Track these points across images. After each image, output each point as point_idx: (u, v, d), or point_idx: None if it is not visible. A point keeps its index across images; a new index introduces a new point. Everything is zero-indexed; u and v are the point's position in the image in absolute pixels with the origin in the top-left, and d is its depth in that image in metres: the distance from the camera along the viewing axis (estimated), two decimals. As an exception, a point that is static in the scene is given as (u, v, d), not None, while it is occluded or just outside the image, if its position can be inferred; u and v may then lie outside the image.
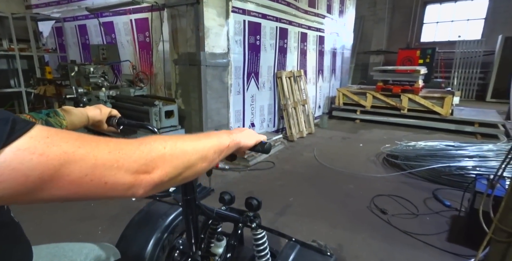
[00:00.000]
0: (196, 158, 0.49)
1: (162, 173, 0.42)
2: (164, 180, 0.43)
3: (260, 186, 2.81)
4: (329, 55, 5.56)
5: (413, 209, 2.40)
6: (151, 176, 0.41)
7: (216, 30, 3.03)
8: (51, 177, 0.32)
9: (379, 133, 4.88)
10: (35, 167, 0.31)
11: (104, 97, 3.03)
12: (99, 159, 0.36)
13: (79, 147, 0.35)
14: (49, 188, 0.33)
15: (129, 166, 0.39)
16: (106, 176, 0.37)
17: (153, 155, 0.42)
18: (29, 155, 0.31)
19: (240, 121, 3.74)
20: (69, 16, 4.42)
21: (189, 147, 0.48)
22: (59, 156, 0.33)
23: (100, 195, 0.37)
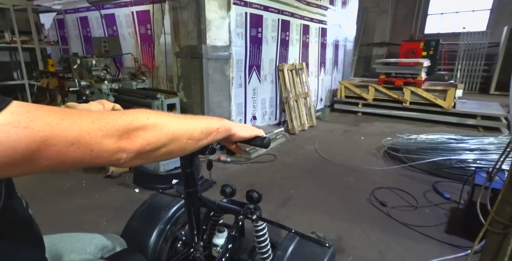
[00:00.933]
0: (181, 133, 0.50)
1: (144, 141, 0.44)
2: (146, 148, 0.44)
3: (261, 178, 2.85)
4: (332, 48, 5.52)
5: (413, 201, 2.43)
6: (133, 143, 0.42)
7: (217, 22, 3.02)
8: (38, 148, 0.34)
9: (380, 126, 4.88)
10: (21, 139, 0.32)
11: (106, 90, 3.03)
12: (83, 128, 0.37)
13: (62, 119, 0.36)
14: (38, 159, 0.35)
15: (112, 133, 0.40)
16: (91, 144, 0.38)
17: (135, 123, 0.43)
18: (14, 129, 0.32)
19: (242, 114, 3.76)
20: (70, 8, 4.40)
21: (174, 122, 0.49)
22: (43, 128, 0.34)
23: (87, 162, 0.39)
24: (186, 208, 1.03)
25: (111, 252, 0.85)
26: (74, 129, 0.37)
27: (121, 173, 2.84)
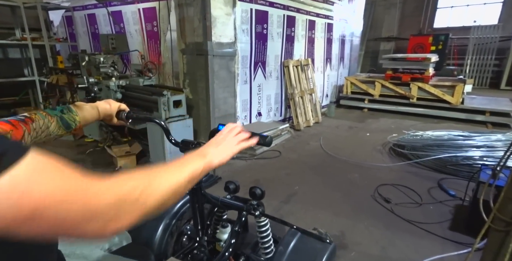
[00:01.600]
0: (169, 196, 0.50)
1: (127, 221, 0.43)
2: (128, 225, 0.44)
3: (266, 174, 2.88)
4: (338, 43, 5.47)
5: (417, 198, 2.43)
6: (118, 224, 0.42)
7: (223, 19, 3.02)
8: (30, 216, 0.34)
9: (387, 122, 4.85)
10: (15, 206, 0.32)
11: (114, 87, 3.08)
12: (71, 213, 0.37)
13: (60, 190, 0.36)
14: (26, 227, 0.34)
15: (99, 218, 0.40)
16: (78, 229, 0.38)
17: (120, 205, 0.42)
18: (18, 191, 0.33)
19: (247, 110, 3.78)
20: (78, 5, 4.44)
21: (163, 182, 0.49)
22: (37, 199, 0.34)
23: (71, 237, 0.39)
24: (191, 204, 1.07)
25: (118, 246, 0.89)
26: (63, 212, 0.36)
27: (129, 168, 2.90)
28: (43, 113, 0.75)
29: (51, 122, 0.75)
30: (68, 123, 0.78)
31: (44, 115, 0.75)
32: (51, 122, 0.75)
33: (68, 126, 0.79)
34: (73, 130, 0.80)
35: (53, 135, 0.77)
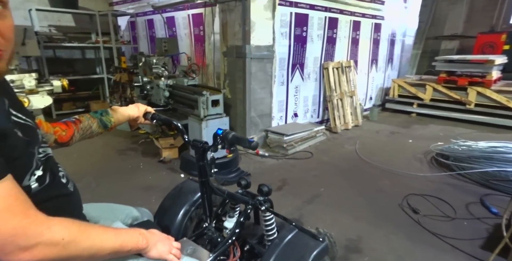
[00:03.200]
0: (89, 254, 0.58)
1: (38, 256, 0.52)
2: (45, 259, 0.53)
3: (294, 174, 2.96)
4: (386, 43, 5.20)
5: (450, 212, 2.29)
6: (30, 255, 0.51)
7: (262, 23, 3.17)
8: None
9: (435, 129, 4.51)
10: None
11: (163, 86, 3.45)
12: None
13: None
14: None
15: (18, 241, 0.50)
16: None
17: (43, 237, 0.52)
18: None
19: (283, 111, 3.88)
20: (140, 11, 5.00)
21: (83, 240, 0.57)
22: None
23: None
24: (201, 194, 1.24)
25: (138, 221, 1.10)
26: None
27: (171, 159, 3.25)
28: (88, 116, 1.00)
29: (93, 123, 1.00)
30: (105, 123, 1.02)
31: (88, 117, 0.99)
32: (93, 123, 1.00)
33: (105, 126, 1.03)
34: (109, 129, 1.04)
35: (95, 132, 1.02)
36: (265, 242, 1.33)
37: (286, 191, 2.61)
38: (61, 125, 0.93)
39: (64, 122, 0.95)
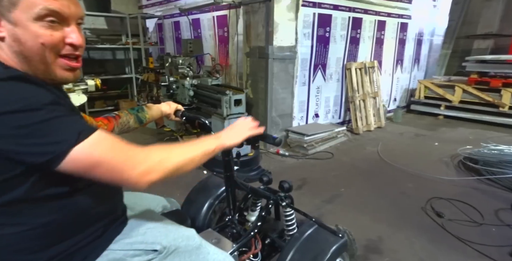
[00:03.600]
0: (183, 163, 0.72)
1: (156, 175, 0.66)
2: (158, 179, 0.67)
3: (314, 174, 2.97)
4: (413, 43, 5.06)
5: (478, 217, 2.22)
6: (149, 177, 0.65)
7: (285, 24, 3.21)
8: (93, 166, 0.61)
9: (464, 132, 4.33)
10: (85, 159, 0.60)
11: (188, 85, 3.58)
12: (119, 161, 0.63)
13: (111, 153, 0.62)
14: (93, 172, 0.62)
15: (136, 169, 0.64)
16: (122, 173, 0.63)
17: (151, 162, 0.66)
18: (86, 152, 0.60)
19: (304, 111, 3.89)
20: (167, 14, 5.20)
21: (180, 155, 0.72)
22: (98, 156, 0.61)
23: (120, 184, 0.65)
24: (225, 188, 1.31)
25: (168, 210, 1.18)
26: (116, 160, 0.62)
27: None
28: (126, 112, 1.10)
29: (130, 119, 1.10)
30: (141, 119, 1.12)
31: (126, 113, 1.10)
32: (130, 119, 1.10)
33: (141, 121, 1.13)
34: (144, 124, 1.14)
35: (131, 127, 1.12)
36: (285, 237, 1.38)
37: (305, 190, 2.64)
38: (103, 120, 1.04)
39: (105, 117, 1.05)
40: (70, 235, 0.72)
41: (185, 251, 0.84)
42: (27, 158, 0.59)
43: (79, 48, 0.71)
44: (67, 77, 0.72)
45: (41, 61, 0.67)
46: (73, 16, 0.68)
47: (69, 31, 0.69)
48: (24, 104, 0.57)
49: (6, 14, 0.63)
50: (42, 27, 0.65)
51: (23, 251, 0.68)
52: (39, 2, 0.63)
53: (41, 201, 0.66)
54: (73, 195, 0.71)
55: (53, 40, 0.66)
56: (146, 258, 0.79)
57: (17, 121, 0.56)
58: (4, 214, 0.65)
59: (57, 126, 0.59)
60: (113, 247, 0.77)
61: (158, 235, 0.83)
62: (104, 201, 0.80)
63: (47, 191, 0.66)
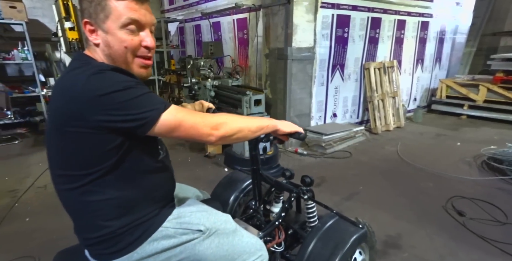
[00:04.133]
0: (244, 127, 0.88)
1: (223, 132, 0.84)
2: (225, 135, 0.84)
3: (332, 172, 3.02)
4: (434, 42, 4.97)
5: (502, 217, 2.20)
6: (218, 131, 0.83)
7: (303, 26, 3.28)
8: (178, 125, 0.78)
9: (489, 132, 4.22)
10: (172, 119, 0.77)
11: (209, 86, 3.72)
12: (197, 121, 0.80)
13: (188, 116, 0.80)
14: (176, 131, 0.79)
15: (208, 125, 0.81)
16: (199, 128, 0.80)
17: (220, 121, 0.84)
18: (170, 115, 0.77)
19: (322, 111, 3.94)
20: (189, 18, 5.39)
21: (241, 121, 0.89)
22: (180, 118, 0.78)
23: (196, 138, 0.82)
24: (252, 180, 1.41)
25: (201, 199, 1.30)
26: (194, 120, 0.80)
27: (216, 154, 3.49)
28: None
29: None
30: None
31: None
32: None
33: None
34: None
35: None
36: (307, 228, 1.46)
37: (324, 187, 2.70)
38: None
39: None
40: (138, 209, 0.88)
41: (224, 233, 0.96)
42: (130, 124, 0.75)
43: (151, 49, 0.87)
44: (142, 73, 0.89)
45: (124, 61, 0.85)
46: (148, 23, 0.85)
47: (145, 36, 0.85)
48: (123, 86, 0.74)
49: (101, 25, 0.81)
50: (125, 33, 0.82)
51: (103, 217, 0.84)
52: (124, 13, 0.80)
53: (125, 173, 0.83)
54: (148, 174, 0.89)
55: (133, 43, 0.83)
56: (192, 237, 0.92)
57: (121, 97, 0.73)
58: (97, 183, 0.81)
59: (148, 99, 0.77)
60: (166, 225, 0.91)
61: (201, 217, 0.96)
62: (164, 186, 0.97)
63: (132, 164, 0.84)
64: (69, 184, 0.82)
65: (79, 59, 0.84)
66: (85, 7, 0.81)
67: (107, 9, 0.79)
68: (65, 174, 0.82)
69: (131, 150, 0.82)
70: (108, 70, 0.76)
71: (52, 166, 0.86)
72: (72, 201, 0.85)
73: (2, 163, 3.31)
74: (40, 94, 4.54)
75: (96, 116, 0.72)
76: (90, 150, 0.77)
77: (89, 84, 0.72)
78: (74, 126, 0.74)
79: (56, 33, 4.50)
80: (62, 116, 0.76)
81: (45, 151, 0.88)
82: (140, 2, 0.82)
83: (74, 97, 0.72)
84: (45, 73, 5.00)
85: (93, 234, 0.85)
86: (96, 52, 0.85)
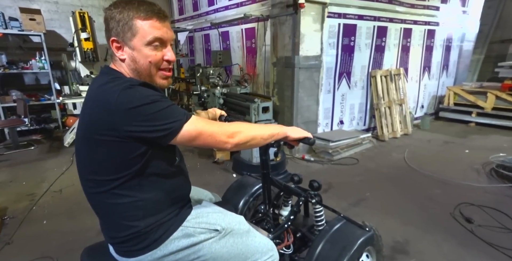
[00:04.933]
0: (257, 135, 0.95)
1: (238, 139, 0.92)
2: (239, 142, 0.92)
3: (339, 178, 3.05)
4: (441, 50, 5.01)
5: (510, 224, 2.19)
6: (233, 139, 0.91)
7: (310, 35, 3.37)
8: (198, 134, 0.86)
9: (498, 140, 4.19)
10: (193, 130, 0.85)
11: (218, 94, 3.82)
12: (214, 130, 0.88)
13: (207, 126, 0.88)
14: (196, 140, 0.86)
15: (225, 134, 0.89)
16: (217, 137, 0.88)
17: (235, 130, 0.92)
18: (191, 126, 0.84)
19: (329, 118, 3.99)
20: (198, 27, 5.56)
21: (254, 130, 0.96)
22: (200, 128, 0.85)
23: (213, 145, 0.90)
24: (262, 184, 1.46)
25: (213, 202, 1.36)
26: (212, 129, 0.88)
27: (224, 160, 3.56)
28: None
29: None
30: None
31: None
32: None
33: None
34: None
35: None
36: (315, 232, 1.50)
37: (331, 193, 2.72)
38: None
39: None
40: (160, 210, 0.95)
41: (238, 233, 1.03)
42: (157, 134, 0.83)
43: (172, 62, 0.97)
44: (163, 83, 0.98)
45: (148, 74, 0.93)
46: (169, 39, 0.94)
47: (166, 51, 0.94)
48: (151, 99, 0.82)
49: (128, 42, 0.90)
50: (150, 50, 0.90)
51: (130, 218, 0.91)
52: (150, 32, 0.89)
53: (148, 178, 0.90)
54: (167, 178, 0.96)
55: (157, 58, 0.92)
56: (210, 236, 0.98)
57: (149, 110, 0.81)
58: (124, 187, 0.88)
59: (172, 112, 0.84)
60: (185, 224, 0.98)
61: (218, 218, 1.03)
62: (181, 188, 1.05)
63: (153, 169, 0.91)
64: (97, 188, 0.90)
65: (108, 73, 0.93)
66: (112, 26, 0.89)
67: (134, 28, 0.87)
68: (94, 178, 0.90)
69: (153, 157, 0.89)
70: (137, 85, 0.84)
71: (81, 171, 0.93)
72: (101, 203, 0.93)
73: (20, 168, 3.44)
74: (55, 102, 4.72)
75: (127, 127, 0.80)
76: (118, 157, 0.85)
77: (121, 98, 0.80)
78: (105, 135, 0.82)
79: (72, 43, 4.71)
80: (94, 126, 0.83)
81: (60, 156, 0.97)
82: (162, 20, 0.90)
83: (108, 109, 0.80)
84: (60, 82, 5.20)
85: (120, 233, 0.92)
86: (122, 67, 0.94)
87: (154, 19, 0.88)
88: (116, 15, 0.87)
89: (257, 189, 1.74)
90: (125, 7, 0.87)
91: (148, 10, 0.88)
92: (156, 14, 0.89)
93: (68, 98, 4.42)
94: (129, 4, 0.87)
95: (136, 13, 0.87)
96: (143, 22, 0.87)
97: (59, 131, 4.84)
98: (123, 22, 0.87)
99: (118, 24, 0.88)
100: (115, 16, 0.87)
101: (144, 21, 0.87)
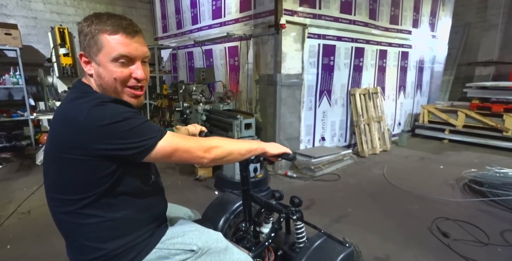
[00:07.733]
0: (234, 150, 0.95)
1: (214, 155, 0.92)
2: (216, 158, 0.92)
3: (321, 195, 3.06)
4: (414, 70, 5.32)
5: (484, 238, 2.25)
6: (210, 154, 0.91)
7: (292, 54, 3.49)
8: (173, 151, 0.84)
9: (470, 156, 4.40)
10: (168, 147, 0.83)
11: (201, 110, 3.81)
12: (190, 146, 0.87)
13: (183, 141, 0.87)
14: (172, 156, 0.84)
15: (201, 149, 0.89)
16: (193, 152, 0.88)
17: (212, 145, 0.92)
18: (167, 143, 0.82)
19: (311, 134, 4.06)
20: (181, 45, 5.63)
21: (231, 145, 0.95)
22: (176, 144, 0.84)
23: (189, 161, 0.89)
24: (242, 201, 1.44)
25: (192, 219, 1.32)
26: (188, 145, 0.86)
27: (206, 177, 3.50)
28: None
29: None
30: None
31: None
32: None
33: None
34: None
35: None
36: (296, 249, 1.48)
37: (314, 210, 2.72)
38: None
39: None
40: (132, 231, 0.90)
41: (215, 251, 0.99)
42: (129, 152, 0.80)
43: (141, 80, 0.92)
44: (132, 102, 0.92)
45: (114, 91, 0.90)
46: (139, 57, 0.90)
47: (135, 68, 0.90)
48: (123, 117, 0.79)
49: (94, 57, 0.87)
50: (115, 66, 0.87)
51: (96, 239, 0.85)
52: (116, 49, 0.86)
53: (118, 197, 0.86)
54: (141, 197, 0.93)
55: (123, 75, 0.89)
56: (185, 257, 0.94)
57: (121, 128, 0.79)
58: (92, 206, 0.83)
59: (145, 129, 0.82)
60: (160, 246, 0.93)
61: (194, 237, 0.98)
62: (156, 207, 1.00)
63: (125, 187, 0.87)
64: (64, 207, 0.85)
65: (78, 88, 0.90)
66: (80, 40, 0.88)
67: (99, 43, 0.84)
68: (61, 198, 0.85)
69: (124, 175, 0.86)
70: (108, 101, 0.81)
71: (48, 190, 0.88)
72: (67, 224, 0.87)
73: (-16, 187, 3.22)
74: (29, 118, 4.53)
75: (95, 145, 0.77)
76: (85, 176, 0.81)
77: (91, 116, 0.76)
78: (72, 153, 0.78)
79: (50, 59, 4.61)
80: (62, 144, 0.80)
81: (30, 175, 0.93)
82: (131, 35, 0.86)
83: (76, 126, 0.77)
84: (35, 98, 5.03)
85: (86, 257, 0.86)
86: (90, 82, 0.91)
87: (121, 33, 0.85)
88: (84, 28, 0.85)
89: (238, 206, 1.71)
90: (93, 21, 0.85)
91: (115, 24, 0.84)
92: (123, 29, 0.85)
93: (43, 114, 4.27)
94: (98, 18, 0.85)
95: (102, 27, 0.84)
96: (110, 37, 0.84)
97: (31, 148, 4.61)
98: (89, 36, 0.85)
99: (85, 38, 0.86)
100: (84, 29, 0.85)
101: (110, 36, 0.84)
